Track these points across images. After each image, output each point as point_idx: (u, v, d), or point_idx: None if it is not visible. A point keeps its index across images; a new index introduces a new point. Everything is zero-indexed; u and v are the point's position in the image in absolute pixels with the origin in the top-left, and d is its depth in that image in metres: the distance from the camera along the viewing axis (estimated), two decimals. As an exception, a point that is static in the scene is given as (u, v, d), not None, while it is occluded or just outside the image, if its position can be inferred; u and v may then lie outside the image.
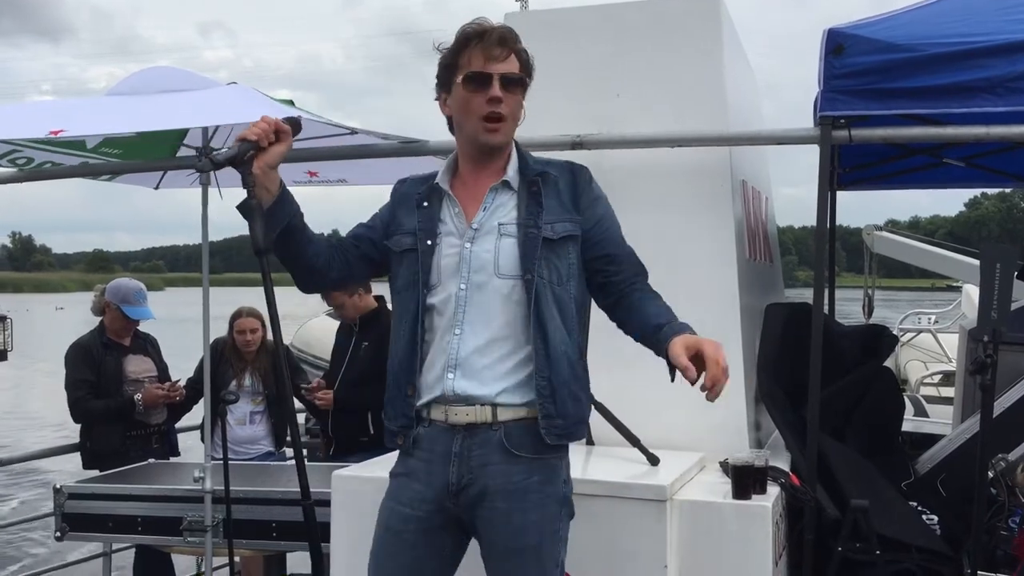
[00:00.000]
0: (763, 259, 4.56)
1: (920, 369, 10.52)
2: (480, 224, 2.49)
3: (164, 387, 5.11)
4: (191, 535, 4.02)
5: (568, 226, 2.49)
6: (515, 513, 2.40)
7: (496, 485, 2.41)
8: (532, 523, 2.40)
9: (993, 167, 5.55)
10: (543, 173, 2.53)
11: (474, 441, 2.42)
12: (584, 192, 2.55)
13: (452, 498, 2.44)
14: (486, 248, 2.46)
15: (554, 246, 2.46)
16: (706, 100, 3.82)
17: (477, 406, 2.42)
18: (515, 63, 2.49)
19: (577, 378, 2.51)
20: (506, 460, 2.41)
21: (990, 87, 3.23)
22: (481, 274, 2.44)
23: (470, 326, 2.43)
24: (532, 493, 2.41)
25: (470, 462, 2.42)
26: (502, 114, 2.45)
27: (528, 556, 2.40)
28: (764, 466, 3.18)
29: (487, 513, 2.42)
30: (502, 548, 2.42)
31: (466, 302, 2.44)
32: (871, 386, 4.28)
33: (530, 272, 2.42)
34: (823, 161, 3.55)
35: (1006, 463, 3.74)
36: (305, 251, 2.53)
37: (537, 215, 2.47)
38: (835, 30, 3.40)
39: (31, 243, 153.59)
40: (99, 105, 4.23)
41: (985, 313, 3.26)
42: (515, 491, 2.40)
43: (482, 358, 2.43)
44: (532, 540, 2.40)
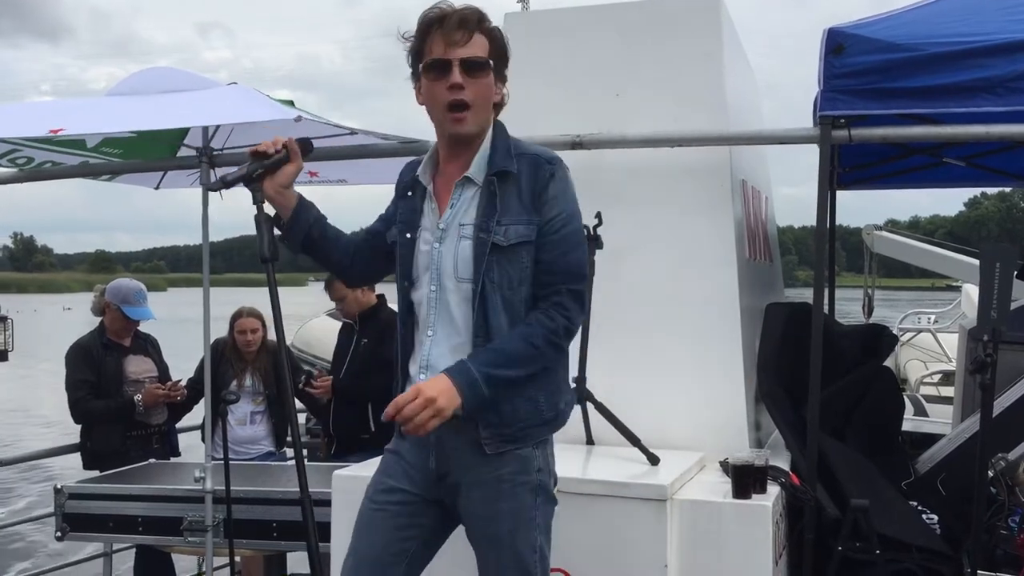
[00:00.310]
0: (763, 259, 4.57)
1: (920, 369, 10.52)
2: (447, 224, 2.45)
3: (165, 387, 5.11)
4: (192, 535, 4.02)
5: (522, 230, 2.38)
6: (488, 502, 2.42)
7: (469, 477, 2.44)
8: (504, 511, 2.42)
9: (993, 166, 5.55)
10: (503, 172, 2.42)
11: (446, 433, 2.42)
12: (543, 190, 2.41)
13: (436, 482, 2.49)
14: (449, 250, 2.42)
15: (506, 252, 2.38)
16: (706, 100, 3.82)
17: None
18: (479, 46, 2.39)
19: (532, 379, 2.41)
20: (476, 452, 2.42)
21: (990, 87, 3.23)
22: (445, 277, 2.42)
23: (441, 328, 2.44)
24: (504, 483, 2.42)
25: (445, 450, 2.46)
26: (465, 101, 2.38)
27: (503, 543, 2.42)
28: (764, 466, 3.18)
29: (463, 502, 2.47)
30: (478, 535, 2.47)
31: (436, 303, 2.44)
32: (871, 386, 4.28)
33: (477, 280, 2.37)
34: (823, 161, 3.55)
35: (1006, 462, 3.73)
36: (331, 254, 2.65)
37: (490, 217, 2.38)
38: (835, 30, 3.40)
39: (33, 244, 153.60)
40: (99, 105, 4.23)
41: (985, 312, 3.26)
42: (486, 482, 2.42)
43: (449, 361, 2.39)
44: (505, 527, 2.42)
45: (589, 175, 3.87)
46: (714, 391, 3.66)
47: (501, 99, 2.52)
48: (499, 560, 2.44)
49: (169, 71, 4.38)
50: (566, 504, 3.12)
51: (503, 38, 2.48)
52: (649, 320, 3.78)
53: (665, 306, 3.77)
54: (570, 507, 3.12)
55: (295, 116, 3.68)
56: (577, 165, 3.88)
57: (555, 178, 2.43)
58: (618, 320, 3.75)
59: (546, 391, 2.47)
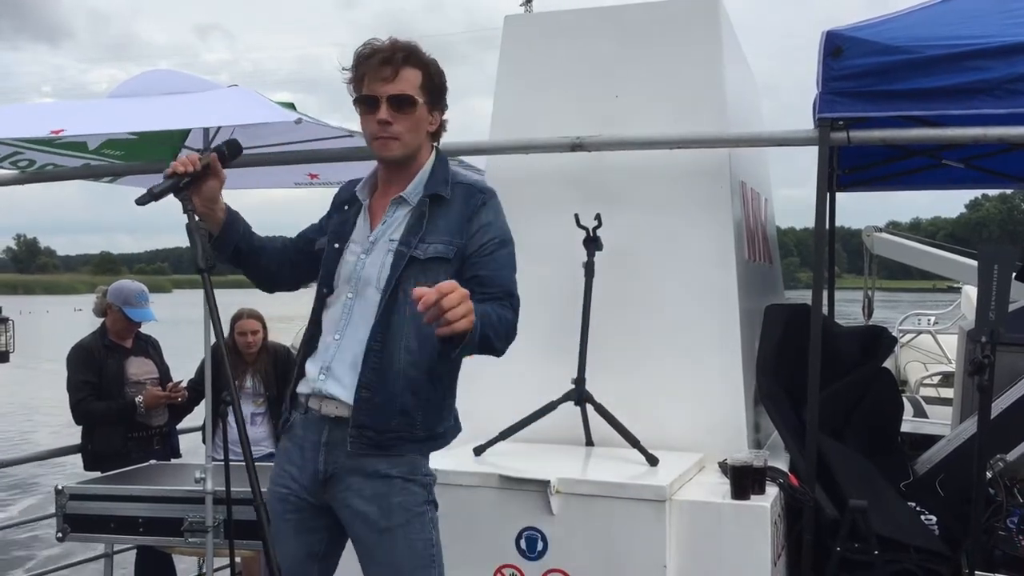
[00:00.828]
0: (762, 260, 4.58)
1: (920, 370, 10.51)
2: (376, 237, 2.56)
3: (166, 388, 5.12)
4: (192, 536, 4.02)
5: (440, 247, 2.48)
6: (381, 497, 2.48)
7: (361, 475, 2.49)
8: (397, 504, 2.48)
9: (992, 168, 5.57)
10: (436, 195, 2.53)
11: (340, 434, 2.49)
12: (474, 217, 2.53)
13: (320, 486, 2.53)
14: (375, 261, 2.53)
15: (423, 265, 2.47)
16: (705, 102, 3.83)
17: (339, 402, 2.51)
18: (407, 82, 2.49)
19: (416, 395, 2.47)
20: (372, 454, 2.48)
21: (988, 89, 3.24)
22: (366, 286, 2.52)
23: (351, 332, 2.52)
24: (395, 479, 2.49)
25: (336, 453, 2.51)
26: (392, 135, 2.50)
27: (397, 535, 2.47)
28: (763, 466, 3.19)
29: (354, 499, 2.49)
30: (370, 530, 2.49)
31: (350, 311, 2.54)
32: (870, 387, 4.29)
33: (388, 288, 2.47)
34: (821, 163, 3.56)
35: (1004, 463, 3.75)
36: (258, 263, 2.69)
37: (414, 235, 2.50)
38: (834, 32, 3.41)
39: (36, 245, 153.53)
40: (100, 107, 4.25)
41: (983, 314, 3.27)
42: (380, 478, 2.48)
43: (350, 365, 2.49)
44: (398, 520, 2.47)
45: (589, 177, 3.90)
46: (713, 392, 3.68)
47: (439, 127, 2.62)
48: (393, 554, 2.47)
49: (170, 73, 4.40)
50: (566, 505, 3.14)
51: (439, 72, 2.58)
52: (648, 321, 3.79)
53: (664, 307, 3.78)
54: (569, 508, 3.14)
55: (295, 118, 3.70)
56: (577, 167, 3.93)
57: (486, 207, 2.56)
58: (617, 321, 3.76)
59: (425, 411, 2.51)
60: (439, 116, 2.60)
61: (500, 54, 4.19)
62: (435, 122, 2.59)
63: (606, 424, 3.48)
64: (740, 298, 3.74)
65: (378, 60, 2.48)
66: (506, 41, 4.18)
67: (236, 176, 5.12)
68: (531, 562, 3.19)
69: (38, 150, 4.39)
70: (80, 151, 4.52)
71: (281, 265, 2.72)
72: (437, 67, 2.57)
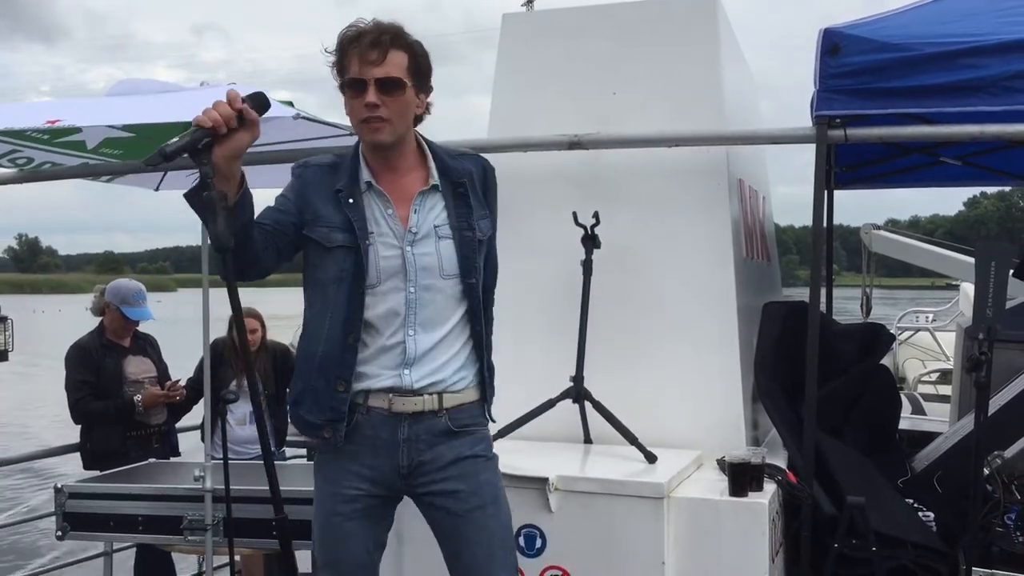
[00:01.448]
0: (760, 258, 4.58)
1: (918, 367, 10.52)
2: (417, 227, 2.53)
3: (164, 388, 5.12)
4: (192, 534, 4.03)
5: (485, 224, 2.62)
6: (468, 477, 2.55)
7: (447, 459, 2.55)
8: (487, 481, 2.59)
9: (989, 165, 5.57)
10: (466, 173, 2.60)
11: (421, 427, 2.53)
12: (490, 190, 2.66)
13: (402, 480, 2.56)
14: (427, 251, 2.52)
15: (481, 247, 2.61)
16: (703, 100, 3.84)
17: (425, 396, 2.52)
18: (394, 64, 2.45)
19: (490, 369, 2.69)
20: (453, 437, 2.56)
21: (984, 86, 3.25)
22: (427, 277, 2.51)
23: (423, 327, 2.52)
24: (480, 458, 2.59)
25: (419, 445, 2.53)
26: (381, 117, 2.45)
27: (488, 512, 2.56)
28: (761, 464, 3.20)
29: (442, 484, 2.54)
30: (464, 510, 2.54)
31: (416, 304, 2.51)
32: (868, 384, 4.29)
33: (474, 276, 2.56)
34: (819, 160, 3.56)
35: (1002, 460, 3.76)
36: (255, 244, 2.41)
37: (468, 216, 2.57)
38: (831, 30, 3.42)
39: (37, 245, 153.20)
40: (98, 103, 4.25)
41: (980, 311, 3.28)
42: (465, 459, 2.56)
43: (435, 355, 2.54)
44: (490, 495, 2.58)
45: (587, 175, 3.90)
46: (711, 390, 3.68)
47: (424, 111, 2.61)
48: (487, 528, 2.55)
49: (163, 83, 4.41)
50: (564, 502, 3.15)
51: (424, 53, 2.56)
52: (646, 319, 3.79)
53: (662, 305, 3.78)
54: (568, 505, 3.15)
55: (293, 114, 3.69)
56: (575, 165, 3.93)
57: (494, 178, 2.70)
58: (615, 319, 3.76)
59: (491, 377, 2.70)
60: (424, 99, 2.58)
61: (498, 52, 4.19)
62: (421, 105, 2.57)
63: (604, 422, 3.49)
64: (738, 296, 3.74)
65: (366, 43, 2.43)
66: (504, 39, 4.18)
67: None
68: (530, 559, 3.19)
69: (36, 148, 4.37)
70: (79, 150, 4.51)
71: (266, 250, 2.45)
72: (422, 49, 2.54)
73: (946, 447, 4.20)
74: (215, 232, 2.09)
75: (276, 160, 4.45)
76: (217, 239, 2.10)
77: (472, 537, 2.54)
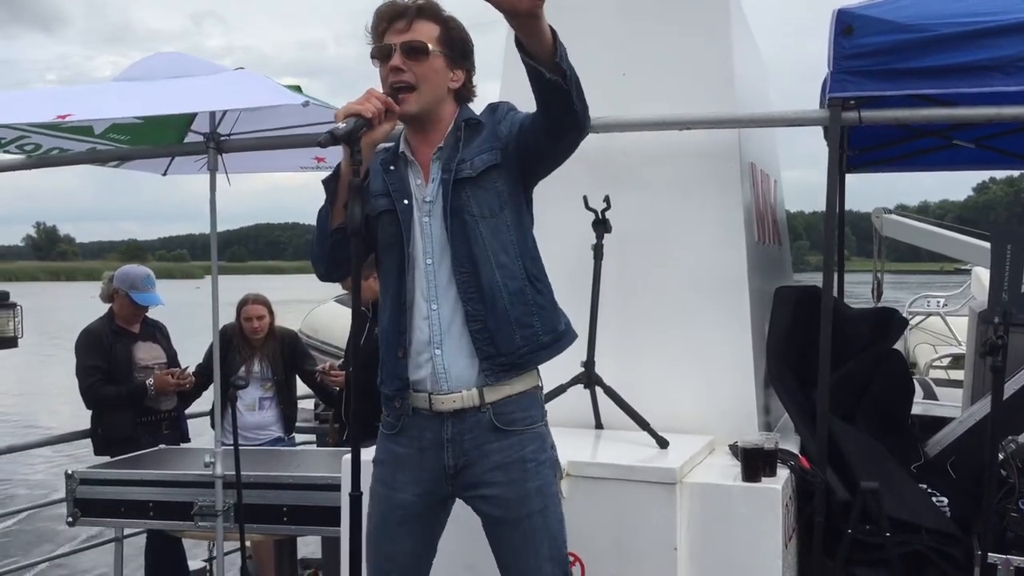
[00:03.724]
0: (772, 242, 4.55)
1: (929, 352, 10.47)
2: (433, 196, 2.48)
3: (175, 374, 5.13)
4: (202, 520, 4.04)
5: (487, 157, 2.46)
6: (516, 484, 2.45)
7: (493, 462, 2.46)
8: (534, 490, 2.46)
9: (1003, 148, 5.52)
10: (467, 120, 2.52)
11: (464, 426, 2.46)
12: (504, 117, 2.53)
13: (449, 480, 2.50)
14: (437, 221, 2.46)
15: (476, 182, 2.44)
16: (714, 82, 3.80)
17: (463, 392, 2.44)
18: (421, 32, 2.45)
19: (525, 303, 2.47)
20: (499, 437, 2.46)
21: (1001, 67, 3.20)
22: (438, 246, 2.46)
23: (442, 296, 2.45)
24: (528, 462, 2.47)
25: (463, 445, 2.46)
26: (406, 81, 2.43)
27: (536, 521, 2.46)
28: (774, 449, 3.17)
29: (489, 489, 2.47)
30: (511, 518, 2.46)
31: (435, 276, 2.46)
32: (880, 369, 4.26)
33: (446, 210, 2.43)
34: (832, 143, 3.53)
35: (1016, 445, 3.72)
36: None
37: (452, 159, 2.46)
38: (845, 10, 3.38)
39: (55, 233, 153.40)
40: (107, 90, 4.23)
41: (996, 295, 3.25)
42: (512, 464, 2.45)
43: (459, 334, 2.44)
44: (537, 506, 2.46)
45: (597, 158, 3.86)
46: (723, 374, 3.66)
47: (461, 86, 2.55)
48: (534, 539, 2.46)
49: (176, 56, 4.38)
50: (576, 488, 3.13)
51: (459, 27, 2.53)
52: (658, 304, 3.76)
53: (674, 290, 3.76)
54: (580, 491, 3.13)
55: (303, 101, 3.68)
56: (585, 148, 3.88)
57: (514, 110, 2.56)
58: (626, 304, 3.74)
59: (539, 316, 2.50)
60: (462, 75, 2.54)
61: (507, 35, 4.15)
62: (457, 79, 2.52)
63: (616, 407, 3.47)
64: (750, 280, 3.71)
65: (394, 12, 2.46)
66: (513, 22, 4.13)
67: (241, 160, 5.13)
68: (541, 545, 3.18)
69: (44, 134, 4.38)
70: (86, 135, 4.51)
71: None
72: (458, 24, 2.52)
73: (960, 432, 4.17)
74: (352, 216, 2.19)
75: (286, 145, 4.44)
76: (355, 223, 2.19)
77: (519, 547, 2.47)
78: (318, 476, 4.00)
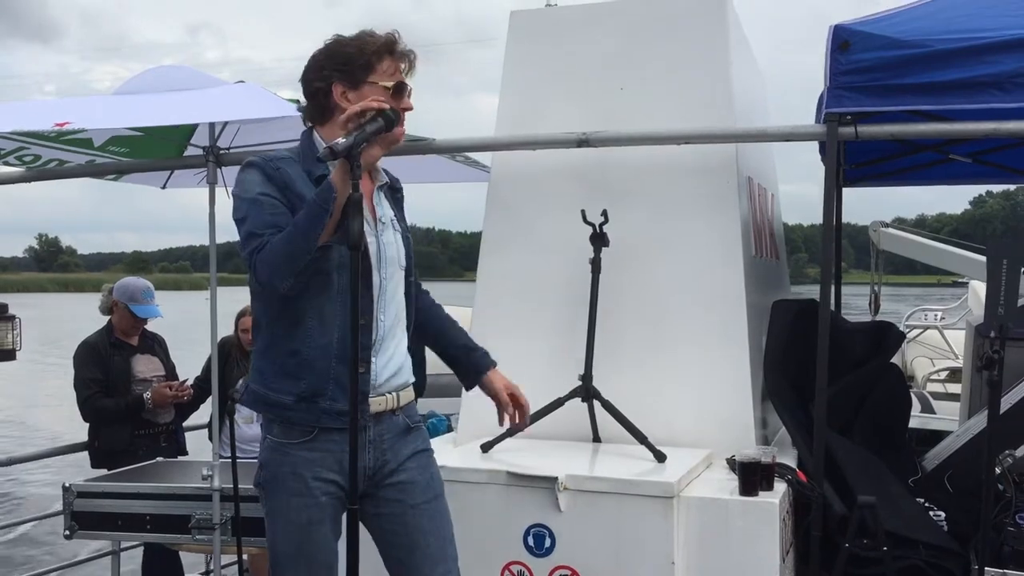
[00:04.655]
0: (769, 256, 4.57)
1: (927, 365, 10.46)
2: (383, 217, 2.63)
3: (172, 386, 5.12)
4: (200, 533, 4.03)
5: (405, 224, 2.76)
6: (425, 469, 2.68)
7: (406, 454, 2.65)
8: (435, 474, 2.72)
9: (1000, 163, 5.55)
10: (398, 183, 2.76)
11: (383, 427, 2.61)
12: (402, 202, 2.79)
13: (367, 480, 2.59)
14: (390, 241, 2.63)
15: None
16: (712, 96, 3.82)
17: (386, 395, 2.59)
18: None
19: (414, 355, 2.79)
20: (408, 433, 2.68)
21: (998, 83, 3.22)
22: (392, 266, 2.62)
23: (386, 314, 2.60)
24: (429, 451, 2.74)
25: (383, 445, 2.61)
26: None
27: (441, 502, 2.70)
28: (771, 463, 3.18)
29: (403, 476, 2.63)
30: (422, 500, 2.64)
31: (384, 292, 2.59)
32: (878, 382, 4.27)
33: (413, 273, 2.74)
34: (829, 158, 3.54)
35: (1013, 459, 3.73)
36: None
37: (403, 218, 2.73)
38: (841, 26, 3.40)
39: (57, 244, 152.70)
40: (106, 102, 4.24)
41: (992, 308, 3.25)
42: (420, 453, 2.69)
43: (392, 346, 2.63)
44: (439, 489, 2.71)
45: (595, 172, 3.89)
46: (721, 388, 3.66)
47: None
48: (443, 517, 2.68)
49: (176, 69, 4.38)
50: (574, 502, 3.14)
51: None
52: (655, 318, 3.78)
53: (671, 303, 3.77)
54: (577, 504, 3.13)
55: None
56: (583, 163, 3.92)
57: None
58: (624, 318, 3.75)
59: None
60: None
61: (506, 49, 4.18)
62: None
63: (613, 420, 3.48)
64: (748, 294, 3.72)
65: (412, 58, 2.60)
66: (512, 36, 4.16)
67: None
68: (539, 559, 3.18)
69: (43, 145, 4.37)
70: (85, 147, 4.50)
71: None
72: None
73: (957, 446, 4.18)
74: (351, 231, 2.18)
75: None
76: (354, 238, 2.19)
77: (427, 527, 2.63)
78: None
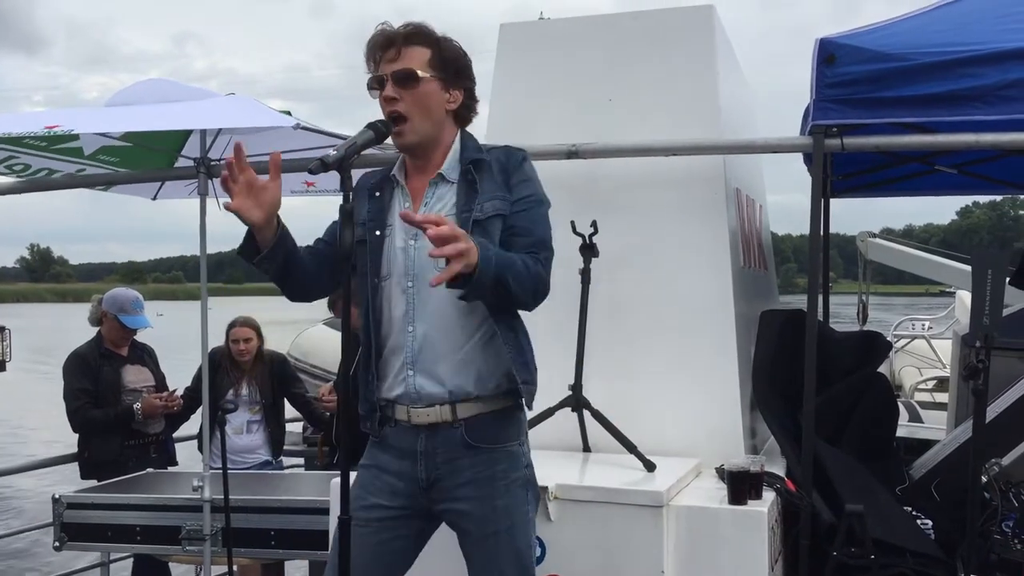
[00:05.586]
0: (758, 267, 4.60)
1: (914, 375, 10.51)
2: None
3: (162, 397, 5.12)
4: (190, 544, 4.03)
5: (497, 203, 2.47)
6: (484, 500, 2.47)
7: (464, 478, 2.48)
8: (501, 508, 2.47)
9: (984, 174, 5.60)
10: (476, 160, 2.51)
11: (437, 440, 2.48)
12: (515, 171, 2.53)
13: (423, 493, 2.52)
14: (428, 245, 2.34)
15: (484, 224, 2.44)
16: (700, 109, 3.85)
17: (437, 406, 2.47)
18: (411, 58, 2.46)
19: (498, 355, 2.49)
20: (470, 454, 2.48)
21: (981, 95, 3.26)
22: (428, 271, 2.42)
23: (421, 323, 2.46)
24: (498, 481, 2.48)
25: (436, 459, 2.49)
26: (400, 112, 2.45)
27: (501, 540, 2.47)
28: (760, 472, 3.20)
29: (458, 505, 2.49)
30: (476, 535, 2.49)
31: (416, 299, 2.47)
32: (865, 392, 4.30)
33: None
34: (816, 169, 3.58)
35: (999, 467, 3.76)
36: (299, 267, 2.52)
37: (473, 200, 2.46)
38: (827, 40, 3.44)
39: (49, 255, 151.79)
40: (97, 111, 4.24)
41: (977, 318, 3.29)
42: (482, 480, 2.47)
43: (436, 355, 2.46)
44: (503, 525, 2.47)
45: (584, 184, 3.91)
46: (709, 398, 3.69)
47: (460, 106, 2.56)
48: (498, 558, 2.47)
49: (166, 83, 4.39)
50: (563, 511, 3.15)
51: (451, 48, 2.53)
52: (644, 328, 3.80)
53: (660, 314, 3.79)
54: (567, 514, 3.14)
55: (293, 123, 3.70)
56: (572, 174, 3.94)
57: (526, 162, 2.56)
58: (613, 328, 3.77)
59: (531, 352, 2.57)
60: (459, 94, 2.54)
61: (496, 62, 4.20)
62: (454, 100, 2.53)
63: (603, 430, 3.49)
64: (736, 304, 3.75)
65: (382, 42, 2.47)
66: (502, 49, 4.19)
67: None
68: (529, 568, 3.19)
69: (33, 154, 4.37)
70: (75, 156, 4.51)
71: (319, 269, 2.57)
72: (450, 44, 2.52)
73: (944, 455, 4.20)
74: (343, 240, 2.24)
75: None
76: (345, 248, 2.25)
77: (484, 564, 2.49)
78: (306, 500, 4.00)
